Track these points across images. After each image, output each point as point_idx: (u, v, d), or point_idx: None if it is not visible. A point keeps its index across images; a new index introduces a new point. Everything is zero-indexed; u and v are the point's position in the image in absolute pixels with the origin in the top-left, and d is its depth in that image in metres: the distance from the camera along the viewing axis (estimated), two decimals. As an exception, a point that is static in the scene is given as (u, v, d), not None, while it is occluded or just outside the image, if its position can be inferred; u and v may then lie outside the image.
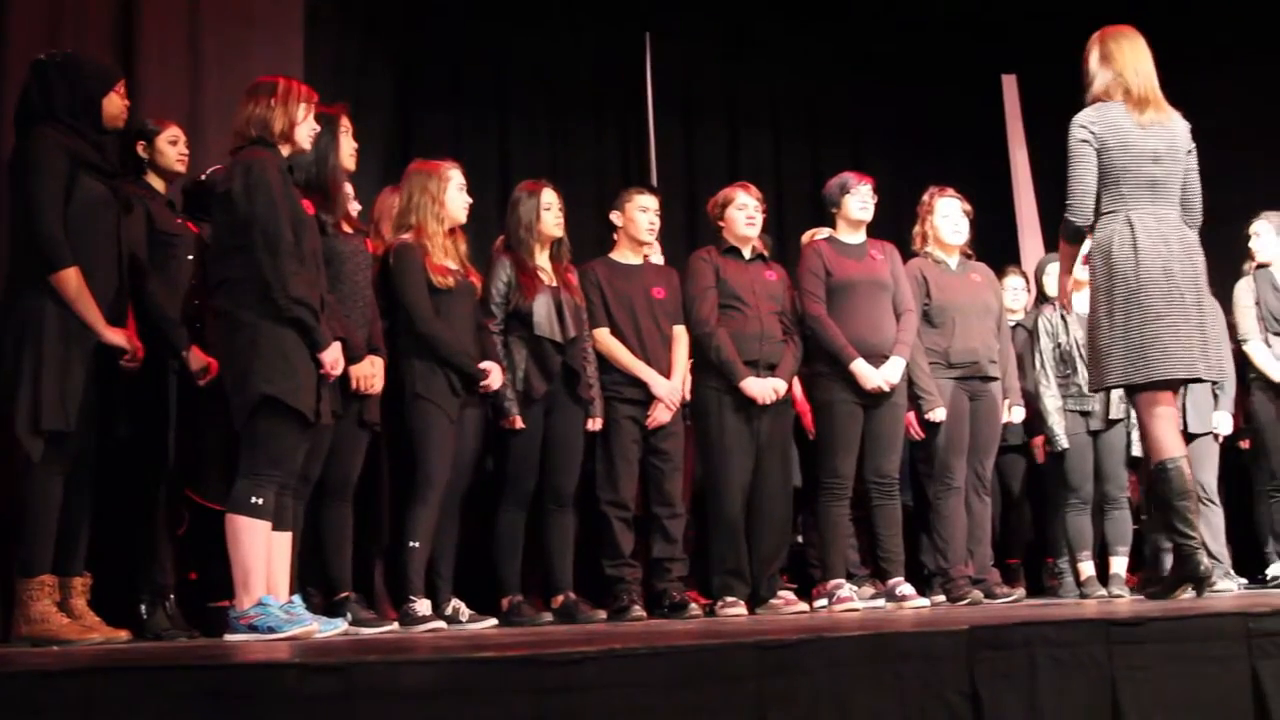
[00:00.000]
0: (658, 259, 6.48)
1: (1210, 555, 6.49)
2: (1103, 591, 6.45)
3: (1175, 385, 5.08)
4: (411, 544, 5.20)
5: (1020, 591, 6.63)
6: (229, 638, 4.24)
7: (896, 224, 6.92)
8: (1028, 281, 7.38)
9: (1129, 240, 4.94)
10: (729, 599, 5.80)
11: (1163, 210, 5.02)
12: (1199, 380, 5.13)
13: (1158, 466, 4.97)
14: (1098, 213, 5.08)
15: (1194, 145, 5.14)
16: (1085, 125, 5.03)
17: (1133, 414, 5.74)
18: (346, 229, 5.05)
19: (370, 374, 4.97)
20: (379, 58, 8.48)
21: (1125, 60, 5.08)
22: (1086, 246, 5.19)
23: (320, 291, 4.47)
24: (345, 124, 5.02)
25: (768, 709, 2.87)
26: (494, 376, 5.43)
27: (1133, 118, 5.00)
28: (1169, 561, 5.11)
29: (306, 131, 4.60)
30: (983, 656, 3.14)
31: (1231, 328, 6.80)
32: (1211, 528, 6.62)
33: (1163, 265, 4.93)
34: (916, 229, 6.53)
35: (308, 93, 4.61)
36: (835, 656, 3.00)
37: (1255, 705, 3.48)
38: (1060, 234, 5.18)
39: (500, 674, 2.71)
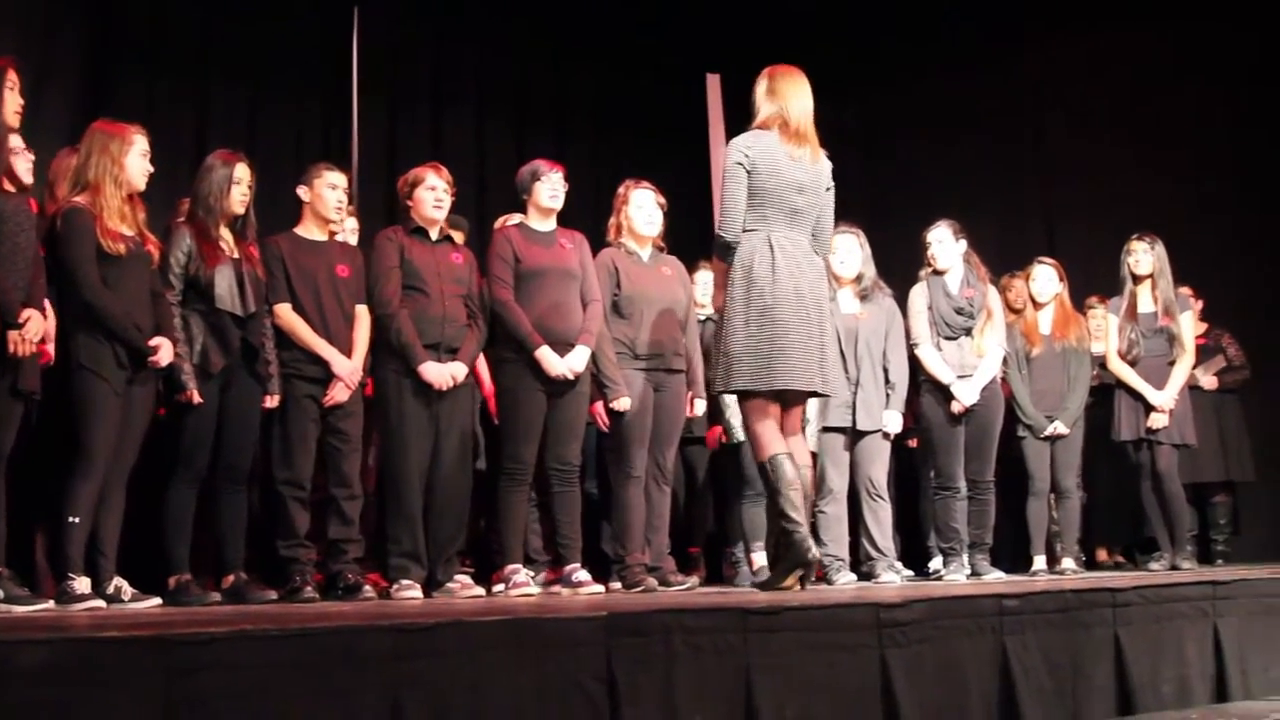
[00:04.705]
0: (350, 238, 6.41)
1: (877, 548, 6.80)
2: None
3: (787, 397, 5.33)
4: (70, 519, 5.01)
5: (695, 579, 6.76)
6: None
7: (598, 213, 6.99)
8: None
9: (768, 259, 5.25)
10: (405, 582, 5.77)
11: (798, 236, 5.36)
12: (816, 394, 5.40)
13: (768, 461, 5.21)
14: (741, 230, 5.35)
15: (833, 184, 5.48)
16: (742, 148, 5.34)
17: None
18: (9, 187, 4.83)
19: (30, 338, 4.79)
20: (69, 16, 8.09)
21: (788, 97, 5.39)
22: None
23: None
24: (12, 79, 4.80)
25: (401, 693, 2.87)
26: (163, 352, 5.27)
27: (785, 148, 5.31)
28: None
29: (-33, 87, 4.40)
30: (621, 643, 3.20)
31: (906, 331, 7.08)
32: (880, 522, 6.87)
33: (794, 286, 5.25)
34: (611, 220, 6.60)
35: (-28, 46, 4.41)
36: (472, 641, 3.01)
37: (883, 692, 3.63)
38: (714, 250, 5.50)
39: (125, 654, 2.65)
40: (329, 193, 5.97)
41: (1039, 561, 7.39)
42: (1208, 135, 9.20)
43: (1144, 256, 7.47)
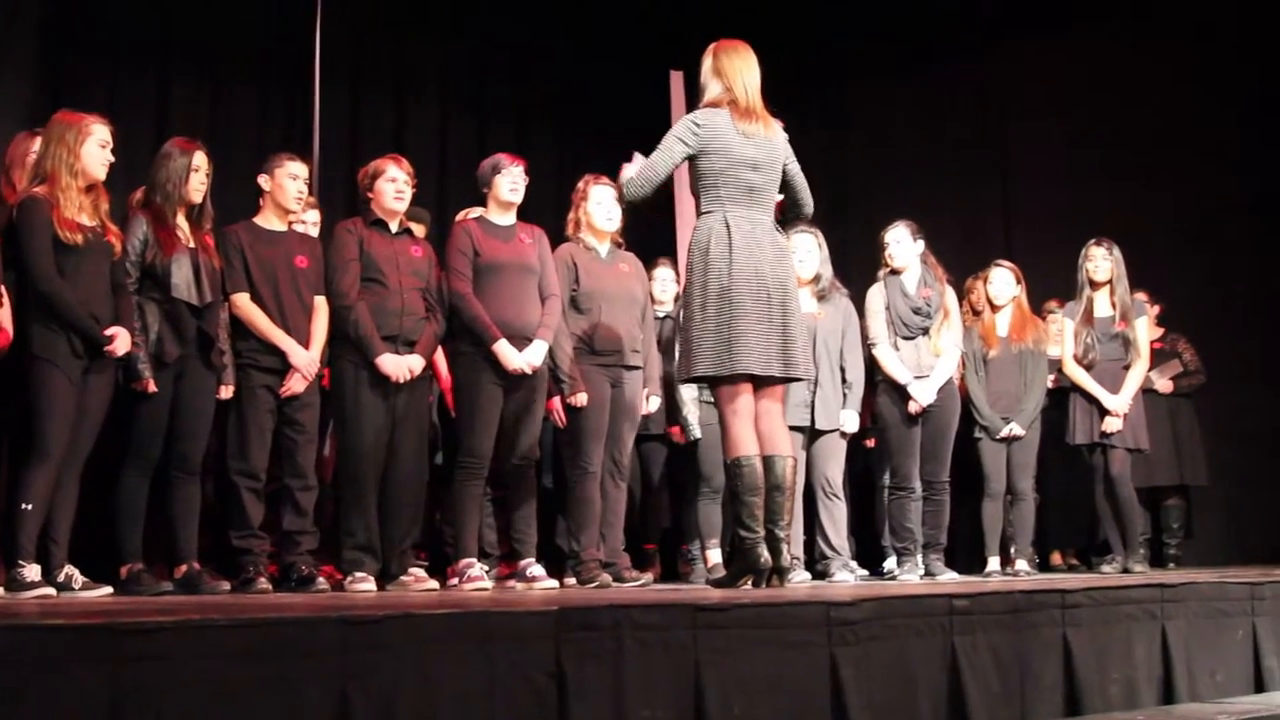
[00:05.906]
0: (311, 229, 6.39)
1: (831, 548, 6.82)
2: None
3: (758, 381, 5.22)
4: (23, 506, 5.00)
5: (649, 576, 6.77)
6: None
7: (559, 208, 6.97)
8: (677, 274, 7.55)
9: (725, 240, 5.15)
10: (359, 574, 5.75)
11: (757, 215, 5.25)
12: (779, 379, 5.27)
13: (733, 462, 5.14)
14: (697, 212, 5.29)
15: (793, 153, 5.39)
16: (690, 126, 5.25)
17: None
18: (-35, 174, 4.82)
19: None
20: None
21: (735, 73, 5.30)
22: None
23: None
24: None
25: (349, 685, 2.86)
26: (120, 342, 5.24)
27: (737, 126, 5.22)
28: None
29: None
30: (570, 637, 3.18)
31: (864, 331, 7.11)
32: (835, 521, 6.90)
33: (754, 267, 5.14)
34: (570, 215, 6.61)
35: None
36: (421, 634, 3.00)
37: (832, 689, 3.64)
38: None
39: (72, 642, 2.63)
40: (290, 183, 5.94)
41: (993, 563, 7.43)
42: (1165, 140, 9.26)
43: (1102, 263, 7.50)
